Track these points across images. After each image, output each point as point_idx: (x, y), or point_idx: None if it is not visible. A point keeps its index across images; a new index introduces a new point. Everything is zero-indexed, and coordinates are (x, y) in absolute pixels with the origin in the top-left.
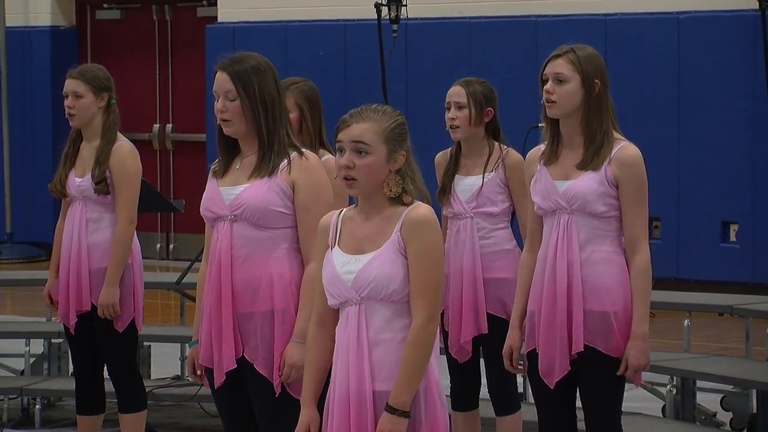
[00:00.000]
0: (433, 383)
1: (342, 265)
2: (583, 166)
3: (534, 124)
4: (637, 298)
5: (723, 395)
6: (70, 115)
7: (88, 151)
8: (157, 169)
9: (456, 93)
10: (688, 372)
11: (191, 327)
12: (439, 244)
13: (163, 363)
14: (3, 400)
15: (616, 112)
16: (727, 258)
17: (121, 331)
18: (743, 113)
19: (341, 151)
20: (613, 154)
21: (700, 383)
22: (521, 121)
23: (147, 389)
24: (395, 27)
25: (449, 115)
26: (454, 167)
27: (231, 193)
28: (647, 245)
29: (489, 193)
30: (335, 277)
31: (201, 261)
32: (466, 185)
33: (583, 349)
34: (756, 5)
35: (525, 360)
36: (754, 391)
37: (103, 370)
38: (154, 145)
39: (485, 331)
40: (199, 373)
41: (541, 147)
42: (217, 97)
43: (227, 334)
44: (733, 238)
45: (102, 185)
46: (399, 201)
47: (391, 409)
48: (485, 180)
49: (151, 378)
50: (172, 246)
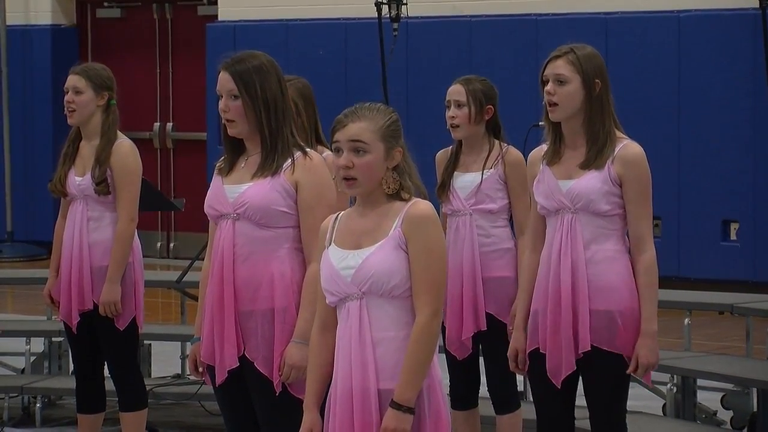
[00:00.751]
0: (436, 380)
1: (340, 261)
2: (587, 165)
3: (535, 122)
4: (645, 296)
5: (723, 394)
6: (70, 110)
7: (88, 150)
8: (158, 168)
9: (456, 91)
10: (689, 371)
11: (192, 326)
12: (441, 240)
13: (164, 361)
14: (3, 398)
15: (617, 111)
16: (727, 257)
17: (122, 329)
18: (744, 112)
19: (339, 151)
20: (616, 153)
21: (700, 382)
22: (522, 120)
23: (147, 388)
24: (396, 26)
25: (449, 113)
26: (454, 164)
27: (235, 191)
28: (653, 243)
29: (488, 190)
30: (333, 274)
31: (202, 259)
32: (465, 182)
33: (589, 348)
34: (756, 4)
35: (527, 359)
36: (755, 389)
37: (103, 368)
38: (154, 143)
39: (484, 327)
40: (200, 370)
41: (543, 147)
42: (220, 97)
43: (229, 332)
44: (733, 236)
45: (102, 186)
46: (397, 197)
47: (396, 406)
48: (484, 177)
49: (152, 376)
50: (172, 245)
